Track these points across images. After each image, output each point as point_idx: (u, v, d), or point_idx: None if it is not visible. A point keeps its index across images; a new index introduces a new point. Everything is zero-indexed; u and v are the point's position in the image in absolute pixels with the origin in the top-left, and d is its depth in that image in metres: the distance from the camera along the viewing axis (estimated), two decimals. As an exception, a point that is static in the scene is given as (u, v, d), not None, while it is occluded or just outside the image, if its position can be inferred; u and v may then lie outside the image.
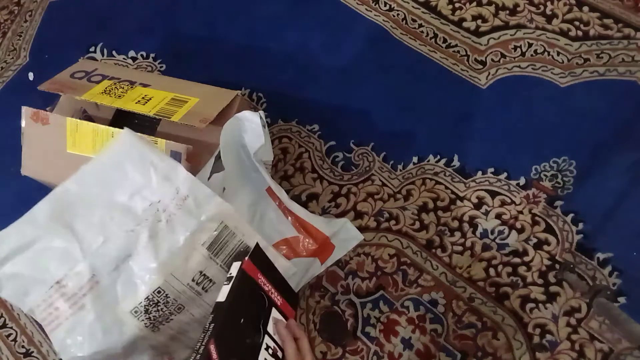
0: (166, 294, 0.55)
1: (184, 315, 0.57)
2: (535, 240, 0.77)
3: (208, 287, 0.57)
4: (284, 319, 0.54)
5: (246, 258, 0.53)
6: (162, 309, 0.55)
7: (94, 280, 0.55)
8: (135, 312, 0.54)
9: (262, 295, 0.52)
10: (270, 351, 0.49)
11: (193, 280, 0.56)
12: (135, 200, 0.56)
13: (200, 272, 0.56)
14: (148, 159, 0.57)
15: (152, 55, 1.02)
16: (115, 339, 0.54)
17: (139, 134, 0.60)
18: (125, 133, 0.59)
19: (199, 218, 0.56)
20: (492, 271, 0.76)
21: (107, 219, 0.56)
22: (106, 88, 0.75)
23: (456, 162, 0.83)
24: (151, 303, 0.54)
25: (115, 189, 0.57)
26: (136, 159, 0.57)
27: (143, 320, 0.55)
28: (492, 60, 0.89)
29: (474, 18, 0.93)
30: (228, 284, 0.50)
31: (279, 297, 0.54)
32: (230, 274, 0.52)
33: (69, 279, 0.55)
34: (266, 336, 0.50)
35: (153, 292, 0.54)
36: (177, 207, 0.56)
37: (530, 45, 0.89)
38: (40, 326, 0.79)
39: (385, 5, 0.97)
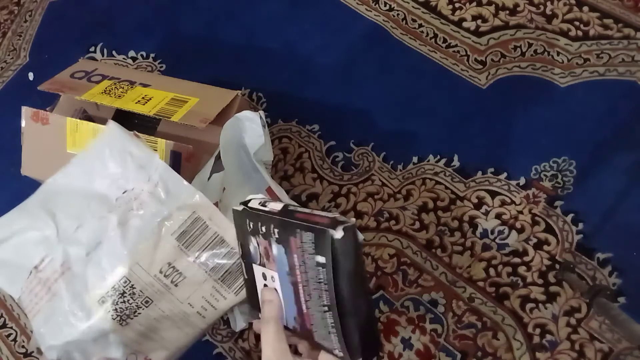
0: (132, 285, 0.54)
1: (153, 310, 0.56)
2: (535, 240, 0.77)
3: (178, 281, 0.55)
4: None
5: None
6: (128, 300, 0.54)
7: (65, 266, 0.54)
8: (102, 301, 0.54)
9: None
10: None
11: (160, 272, 0.55)
12: (112, 189, 0.56)
13: (169, 264, 0.55)
14: (127, 149, 0.57)
15: (152, 55, 1.02)
16: (85, 329, 0.54)
17: (128, 130, 0.60)
18: (110, 125, 0.59)
19: (168, 206, 0.55)
20: (492, 271, 0.76)
21: (84, 207, 0.56)
22: (106, 88, 0.75)
23: (456, 162, 0.83)
24: (117, 293, 0.54)
25: (96, 178, 0.57)
26: (117, 149, 0.57)
27: (110, 311, 0.54)
28: (492, 60, 0.89)
29: (474, 18, 0.93)
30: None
31: None
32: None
33: (45, 264, 0.55)
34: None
35: (119, 281, 0.54)
36: (148, 194, 0.55)
37: (530, 45, 0.89)
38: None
39: (385, 5, 0.97)
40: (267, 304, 0.44)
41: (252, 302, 0.50)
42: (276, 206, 0.43)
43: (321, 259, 0.36)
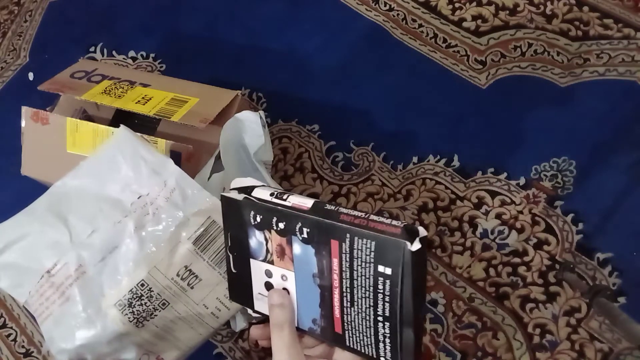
0: (150, 288, 0.55)
1: (169, 312, 0.57)
2: (535, 240, 0.77)
3: (194, 284, 0.56)
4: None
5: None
6: (145, 303, 0.55)
7: (80, 271, 0.55)
8: (120, 305, 0.54)
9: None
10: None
11: (178, 275, 0.55)
12: (126, 194, 0.57)
13: (186, 267, 0.56)
14: (139, 153, 0.58)
15: (152, 55, 1.02)
16: (100, 332, 0.54)
17: (137, 133, 0.60)
18: (121, 130, 0.60)
19: (185, 211, 0.55)
20: (492, 271, 0.76)
21: (97, 211, 0.56)
22: (106, 88, 0.75)
23: (456, 162, 0.83)
24: (135, 296, 0.54)
25: (108, 183, 0.58)
26: (129, 154, 0.58)
27: (127, 314, 0.55)
28: (492, 60, 0.89)
29: (474, 18, 0.93)
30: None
31: None
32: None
33: (58, 268, 0.55)
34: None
35: (137, 285, 0.54)
36: (164, 200, 0.56)
37: (530, 45, 0.89)
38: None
39: (385, 5, 0.97)
40: (279, 307, 0.42)
41: (239, 297, 0.47)
42: (303, 202, 0.39)
43: (385, 270, 0.34)
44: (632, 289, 0.72)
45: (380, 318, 0.36)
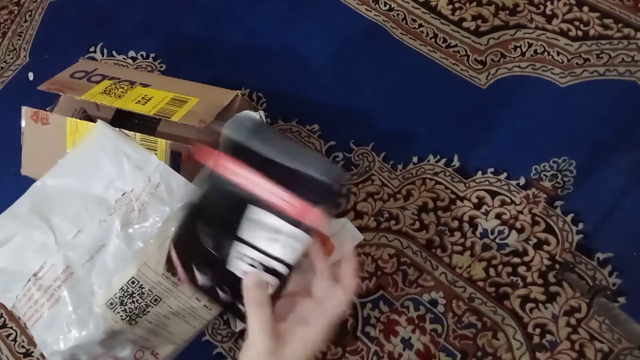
0: (141, 285, 0.54)
1: (161, 307, 0.57)
2: (535, 240, 0.77)
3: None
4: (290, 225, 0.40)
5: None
6: (137, 300, 0.55)
7: (68, 272, 0.54)
8: (111, 304, 0.54)
9: (235, 192, 0.42)
10: (248, 260, 0.41)
11: (168, 270, 0.55)
12: (109, 191, 0.56)
13: None
14: (121, 150, 0.57)
15: (152, 55, 1.02)
16: (92, 332, 0.54)
17: (116, 128, 0.60)
18: (99, 126, 0.59)
19: (172, 206, 0.55)
20: (492, 271, 0.76)
21: (82, 210, 0.56)
22: (106, 88, 0.75)
23: (456, 162, 0.83)
24: (126, 294, 0.54)
25: (91, 181, 0.57)
26: (110, 150, 0.57)
27: (119, 312, 0.54)
28: (492, 60, 0.89)
29: (474, 18, 0.93)
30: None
31: (277, 194, 0.41)
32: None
33: (45, 271, 0.55)
34: (239, 244, 0.41)
35: (127, 282, 0.54)
36: (150, 195, 0.55)
37: (530, 45, 0.89)
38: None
39: (385, 5, 0.97)
40: (258, 287, 0.40)
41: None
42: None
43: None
44: (632, 289, 0.72)
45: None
